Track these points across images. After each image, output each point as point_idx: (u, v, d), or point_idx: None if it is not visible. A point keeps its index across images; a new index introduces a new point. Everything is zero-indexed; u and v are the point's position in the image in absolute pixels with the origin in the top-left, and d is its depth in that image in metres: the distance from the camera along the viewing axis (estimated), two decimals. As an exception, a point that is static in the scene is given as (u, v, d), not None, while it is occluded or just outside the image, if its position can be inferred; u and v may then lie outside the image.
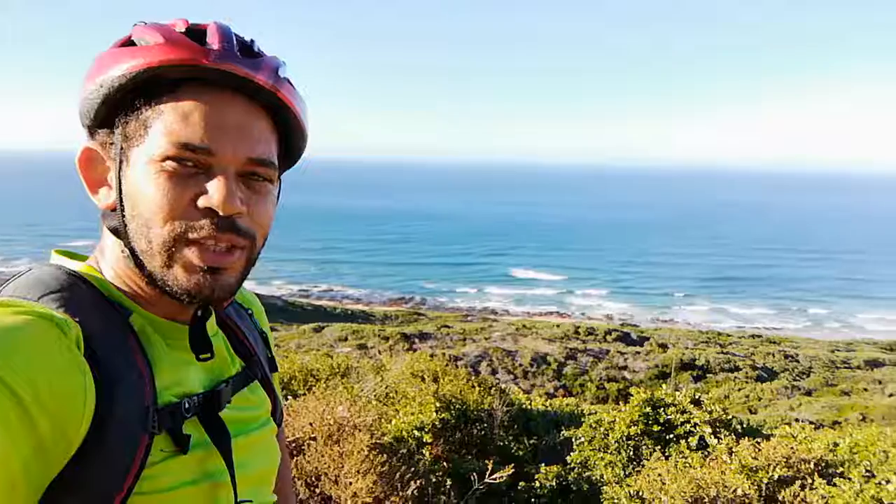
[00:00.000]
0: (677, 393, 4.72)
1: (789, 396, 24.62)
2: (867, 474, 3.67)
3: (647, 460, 4.28)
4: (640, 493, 3.68)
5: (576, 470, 4.76)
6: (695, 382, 25.05)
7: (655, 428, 4.48)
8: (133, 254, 0.78)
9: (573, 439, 4.94)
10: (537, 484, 4.80)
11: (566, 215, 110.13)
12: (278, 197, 0.88)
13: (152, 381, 0.74)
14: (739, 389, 24.69)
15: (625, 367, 28.51)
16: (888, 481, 3.49)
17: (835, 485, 3.60)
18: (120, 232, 0.79)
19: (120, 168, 0.78)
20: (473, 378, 6.37)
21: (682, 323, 39.74)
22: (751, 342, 33.99)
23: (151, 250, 0.76)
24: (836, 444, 4.21)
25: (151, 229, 0.75)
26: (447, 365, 6.71)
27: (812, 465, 3.83)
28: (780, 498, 3.61)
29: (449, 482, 3.67)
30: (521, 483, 4.52)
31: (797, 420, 9.41)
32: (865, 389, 25.59)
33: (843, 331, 38.37)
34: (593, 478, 4.49)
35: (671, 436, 4.47)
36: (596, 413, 5.41)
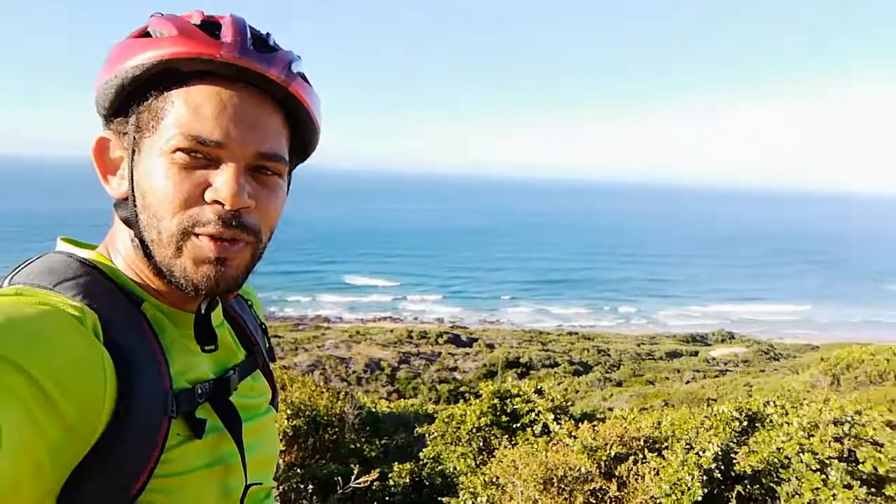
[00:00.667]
0: (522, 384, 5.02)
1: (602, 388, 26.62)
2: (687, 447, 4.14)
3: (497, 449, 4.51)
4: (496, 480, 3.87)
5: (428, 465, 4.89)
6: (519, 379, 26.43)
7: (503, 418, 4.73)
8: (143, 244, 0.78)
9: (426, 435, 5.07)
10: (391, 482, 4.87)
11: (407, 220, 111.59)
12: (288, 191, 0.88)
13: (167, 367, 0.75)
14: (559, 383, 26.36)
15: (455, 368, 29.45)
16: (705, 451, 3.97)
17: (663, 457, 4.03)
18: (131, 222, 0.79)
19: (132, 158, 0.78)
20: (322, 385, 6.32)
21: (508, 324, 41.79)
22: (568, 339, 36.45)
23: (161, 241, 0.77)
24: (659, 423, 4.70)
25: (161, 221, 0.76)
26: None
27: (642, 442, 4.26)
28: (617, 473, 3.98)
29: (311, 487, 3.62)
30: (374, 483, 4.57)
31: (610, 409, 10.29)
32: (667, 378, 28.38)
33: (649, 326, 42.45)
34: (446, 471, 4.64)
35: (517, 424, 4.75)
36: (446, 409, 5.60)
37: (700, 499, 3.64)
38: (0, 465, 0.54)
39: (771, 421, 4.40)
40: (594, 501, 3.83)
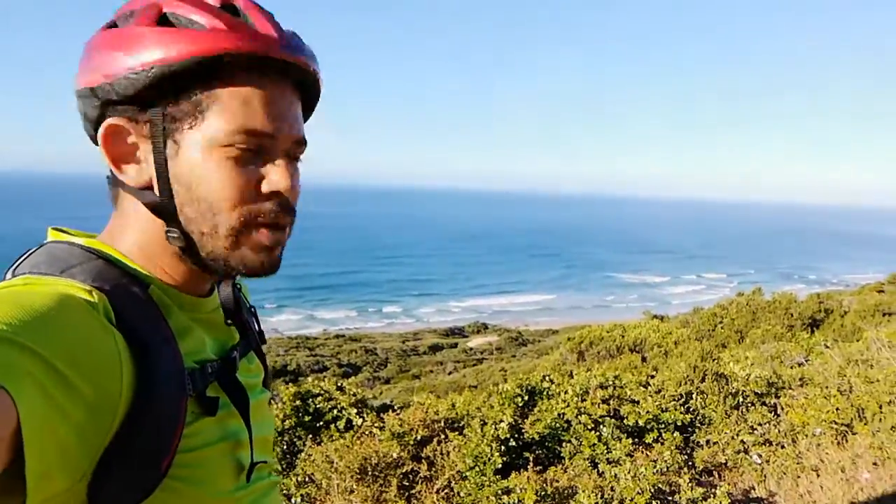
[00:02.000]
0: (323, 383, 5.05)
1: (372, 387, 27.20)
2: (482, 422, 4.52)
3: (302, 450, 4.49)
4: (312, 477, 3.89)
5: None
6: (286, 385, 25.98)
7: (307, 418, 4.72)
8: (184, 234, 0.78)
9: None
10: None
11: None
12: None
13: (177, 347, 0.75)
14: (342, 382, 26.25)
15: (220, 382, 28.07)
16: (500, 421, 4.38)
17: (463, 434, 4.35)
18: (163, 212, 0.78)
19: (163, 148, 0.76)
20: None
21: (272, 332, 40.77)
22: (336, 342, 36.60)
23: (217, 234, 0.78)
24: (454, 405, 5.05)
25: (218, 214, 0.77)
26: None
27: (442, 423, 4.55)
28: (424, 454, 4.21)
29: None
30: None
31: (390, 401, 10.66)
32: (431, 371, 29.82)
33: (413, 323, 44.21)
34: (252, 478, 4.50)
35: (321, 423, 4.77)
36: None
37: (500, 466, 4.01)
38: (29, 448, 0.54)
39: (549, 392, 4.96)
40: (407, 483, 4.02)
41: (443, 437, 4.41)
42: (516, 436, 4.37)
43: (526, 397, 4.93)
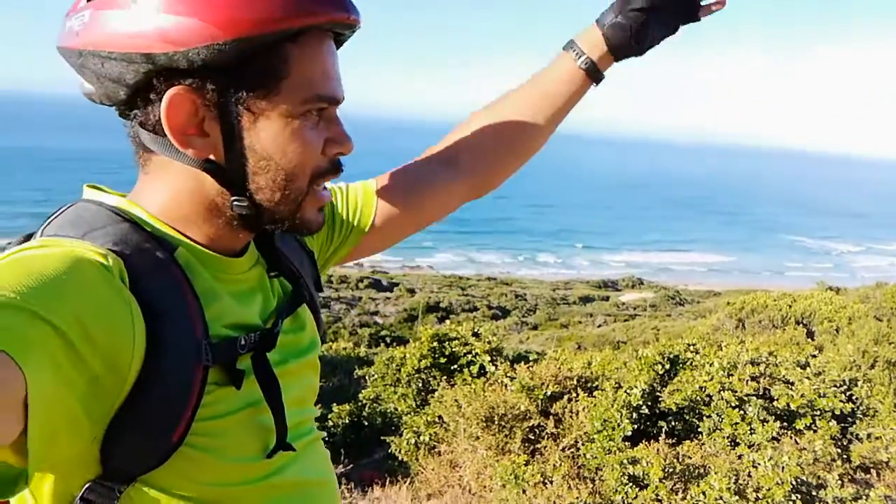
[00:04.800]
0: (460, 327, 5.14)
1: (519, 331, 27.44)
2: (616, 386, 4.39)
3: (437, 390, 4.64)
4: (439, 419, 4.00)
5: (368, 406, 4.97)
6: (439, 323, 26.94)
7: (442, 360, 4.86)
8: (254, 205, 0.78)
9: (366, 377, 5.14)
10: (330, 423, 4.93)
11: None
12: None
13: (201, 313, 0.73)
14: (479, 328, 26.85)
15: (376, 313, 29.61)
16: (633, 388, 4.23)
17: (594, 396, 4.26)
18: (230, 181, 0.77)
19: (237, 118, 0.74)
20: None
21: (428, 269, 42.20)
22: (487, 284, 37.19)
23: (289, 199, 0.78)
24: (590, 364, 4.95)
25: (293, 182, 0.77)
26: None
27: (575, 381, 4.48)
28: (553, 410, 4.19)
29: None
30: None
31: (538, 353, 10.68)
32: (580, 322, 29.55)
33: (566, 272, 43.83)
34: (387, 411, 4.73)
35: (455, 366, 4.88)
36: (385, 351, 5.67)
37: (630, 433, 3.90)
38: (33, 419, 0.54)
39: (692, 363, 4.70)
40: (532, 437, 4.03)
41: (574, 395, 4.35)
42: (650, 404, 4.21)
43: (667, 365, 4.71)
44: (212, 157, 0.76)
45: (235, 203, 0.78)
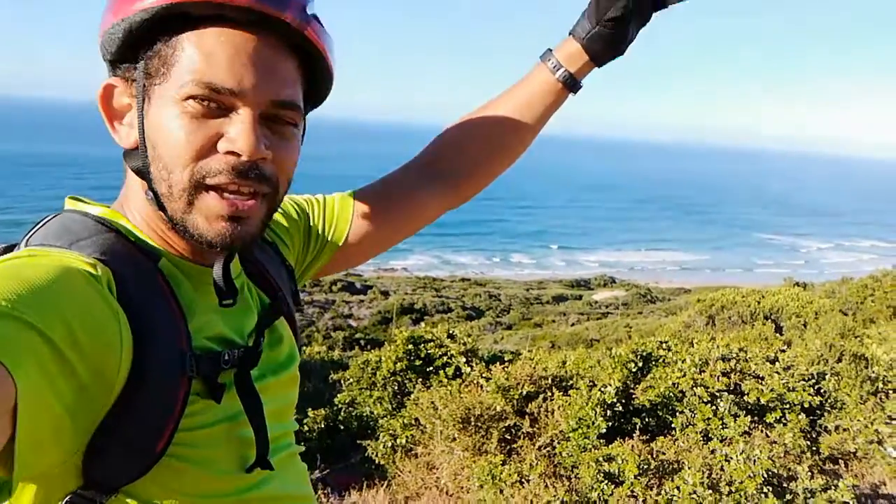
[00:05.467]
0: (435, 329, 5.14)
1: (493, 331, 27.49)
2: (590, 384, 4.43)
3: (412, 392, 4.63)
4: (416, 421, 4.00)
5: (343, 410, 4.95)
6: (414, 325, 26.91)
7: (417, 363, 4.85)
8: (156, 196, 0.75)
9: (341, 381, 5.12)
10: (306, 428, 4.90)
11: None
12: (302, 140, 0.85)
13: (185, 324, 0.73)
14: (454, 329, 26.84)
15: (350, 316, 29.46)
16: (607, 387, 4.27)
17: (569, 395, 4.29)
18: (143, 173, 0.76)
19: (142, 106, 0.74)
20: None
21: (401, 271, 42.11)
22: (461, 285, 37.23)
23: (171, 195, 0.74)
24: (564, 363, 4.98)
25: (172, 173, 0.73)
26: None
27: (550, 381, 4.50)
28: (528, 410, 4.20)
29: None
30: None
31: (513, 353, 10.72)
32: (553, 321, 29.71)
33: (539, 273, 44.06)
34: (363, 415, 4.72)
35: (431, 368, 4.88)
36: (360, 355, 5.65)
37: (604, 431, 3.93)
38: (21, 425, 0.54)
39: (665, 360, 4.76)
40: (509, 437, 4.04)
41: (549, 394, 4.37)
42: (624, 401, 4.25)
43: (640, 363, 4.76)
44: (135, 148, 0.77)
45: (147, 196, 0.77)
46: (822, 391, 4.57)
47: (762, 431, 3.97)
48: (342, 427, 4.77)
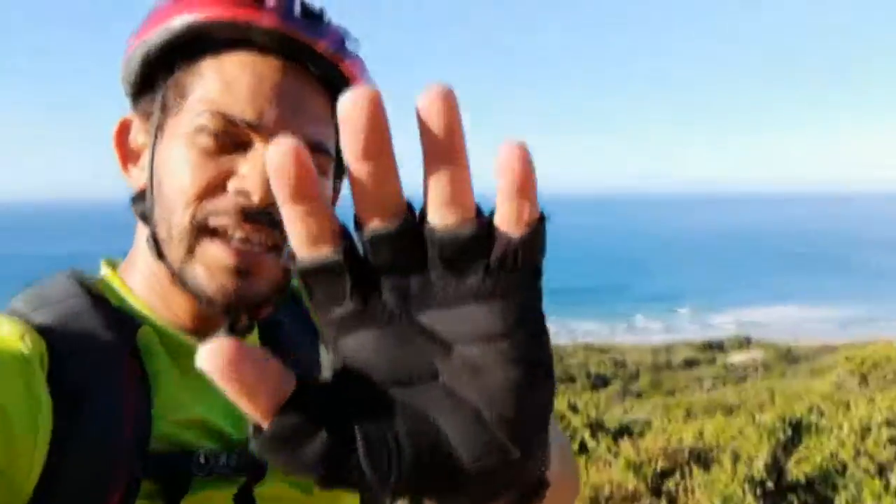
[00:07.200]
0: (556, 399, 4.91)
1: (623, 400, 26.29)
2: (733, 457, 4.01)
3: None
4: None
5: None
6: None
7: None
8: (156, 243, 0.65)
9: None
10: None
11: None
12: (336, 195, 0.75)
13: (145, 407, 0.61)
14: (576, 399, 25.96)
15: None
16: (753, 460, 3.85)
17: (710, 470, 3.90)
18: (147, 218, 0.67)
19: (154, 142, 0.66)
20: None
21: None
22: (584, 353, 36.19)
23: (171, 238, 0.64)
24: (701, 433, 4.57)
25: (173, 214, 0.63)
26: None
27: (686, 454, 4.13)
28: (665, 488, 3.85)
29: None
30: None
31: (631, 422, 10.15)
32: (687, 387, 28.08)
33: (665, 336, 42.15)
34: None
35: (554, 444, 4.63)
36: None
37: (755, 511, 3.51)
38: None
39: (818, 427, 4.27)
40: (645, 520, 3.70)
41: (687, 470, 4.00)
42: (775, 476, 3.80)
43: (790, 431, 4.29)
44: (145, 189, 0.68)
45: (147, 242, 0.67)
46: None
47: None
48: None
